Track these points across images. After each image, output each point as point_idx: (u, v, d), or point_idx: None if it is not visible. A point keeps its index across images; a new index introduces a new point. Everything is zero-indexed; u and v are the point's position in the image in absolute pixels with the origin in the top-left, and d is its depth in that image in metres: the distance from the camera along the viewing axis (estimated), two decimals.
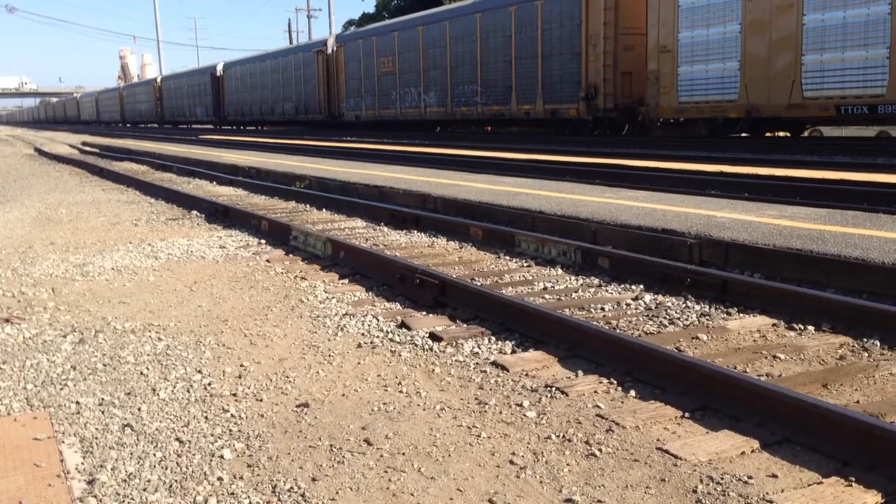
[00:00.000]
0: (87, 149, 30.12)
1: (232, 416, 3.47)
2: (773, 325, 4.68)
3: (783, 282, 5.32)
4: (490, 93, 23.90)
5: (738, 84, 16.14)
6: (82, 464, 2.99)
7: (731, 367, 3.81)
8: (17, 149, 34.90)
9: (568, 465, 2.94)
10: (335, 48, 33.56)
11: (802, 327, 4.58)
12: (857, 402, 3.49)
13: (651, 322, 4.81)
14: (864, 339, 4.30)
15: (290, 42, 62.70)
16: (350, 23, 58.48)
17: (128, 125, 67.14)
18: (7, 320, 5.11)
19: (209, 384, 3.88)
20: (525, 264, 6.64)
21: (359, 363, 4.19)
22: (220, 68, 47.32)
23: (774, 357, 4.11)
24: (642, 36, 18.60)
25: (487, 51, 23.75)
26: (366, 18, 54.70)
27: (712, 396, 3.40)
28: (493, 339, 4.51)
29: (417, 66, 27.37)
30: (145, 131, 53.07)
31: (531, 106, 22.24)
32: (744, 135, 20.63)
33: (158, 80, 59.18)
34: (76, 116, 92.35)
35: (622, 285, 5.73)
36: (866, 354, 4.13)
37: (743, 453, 2.98)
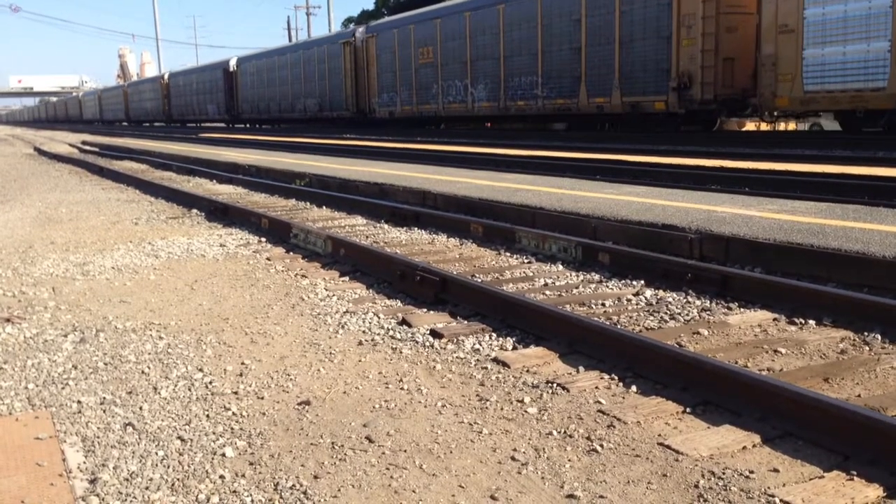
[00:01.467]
0: (87, 148, 30.12)
1: (233, 414, 3.48)
2: (774, 319, 4.68)
3: (784, 276, 5.32)
4: (553, 84, 21.31)
5: (888, 69, 13.54)
6: (84, 463, 2.99)
7: (732, 362, 3.81)
8: (17, 148, 34.90)
9: (569, 460, 2.94)
10: (365, 39, 30.92)
11: (803, 322, 4.58)
12: (859, 396, 3.49)
13: (652, 317, 4.81)
14: (865, 333, 4.30)
15: (290, 40, 62.48)
16: (350, 20, 58.47)
17: (132, 124, 65.54)
18: (8, 320, 5.11)
19: (210, 382, 3.89)
20: (525, 261, 6.64)
21: (360, 360, 4.19)
22: (233, 63, 45.06)
23: (775, 351, 4.11)
24: (747, 15, 16.28)
25: (550, 37, 21.15)
26: (365, 16, 54.69)
27: (713, 391, 3.40)
28: (494, 335, 4.51)
29: (463, 55, 24.82)
30: (145, 130, 53.05)
31: (605, 99, 19.71)
32: (744, 129, 20.64)
33: (166, 76, 57.02)
34: (78, 115, 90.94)
35: (623, 281, 5.73)
36: (867, 348, 4.13)
37: (744, 448, 2.98)
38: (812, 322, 4.56)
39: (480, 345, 4.36)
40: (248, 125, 45.96)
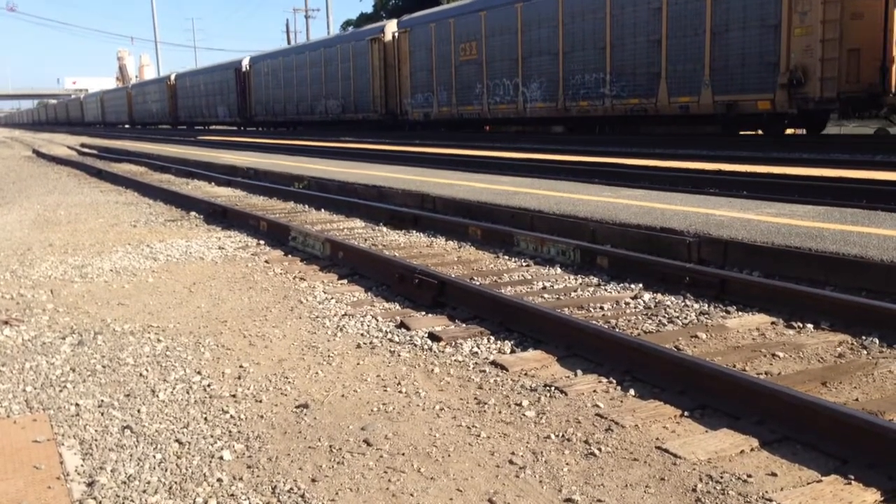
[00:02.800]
0: (86, 150, 30.10)
1: (231, 417, 3.47)
2: (772, 323, 4.68)
3: (782, 280, 5.32)
4: (624, 82, 18.84)
5: None
6: (82, 466, 2.99)
7: (730, 366, 3.81)
8: (16, 150, 34.88)
9: (567, 464, 2.94)
10: (396, 34, 28.33)
11: (801, 325, 4.58)
12: (857, 399, 3.50)
13: (650, 321, 4.82)
14: (863, 337, 4.31)
15: (289, 42, 62.42)
16: (348, 23, 58.52)
17: (136, 126, 63.68)
18: (6, 322, 5.10)
19: (208, 385, 3.88)
20: (524, 264, 6.64)
21: (358, 363, 4.19)
22: (245, 63, 42.82)
23: (773, 355, 4.11)
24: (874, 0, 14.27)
25: (621, 28, 18.67)
26: (364, 18, 54.72)
27: (711, 395, 3.40)
28: (493, 338, 4.51)
29: (514, 51, 22.34)
30: (143, 132, 52.77)
31: (691, 97, 17.15)
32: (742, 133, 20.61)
33: (172, 77, 54.79)
34: (79, 118, 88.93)
35: (621, 284, 5.73)
36: (865, 352, 4.14)
37: (742, 452, 2.98)
38: (810, 326, 4.56)
39: (479, 348, 4.36)
40: (261, 129, 43.85)
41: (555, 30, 20.82)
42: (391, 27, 29.24)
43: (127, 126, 66.40)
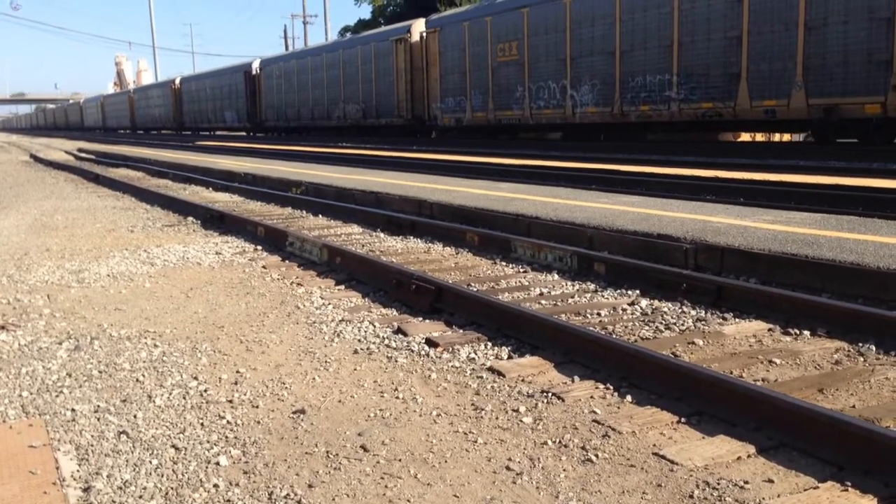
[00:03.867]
0: (83, 155, 30.10)
1: (228, 422, 3.47)
2: (769, 329, 4.68)
3: (779, 286, 5.33)
4: (695, 84, 16.87)
5: None
6: (78, 471, 2.98)
7: (727, 373, 3.82)
8: (13, 155, 34.86)
9: (564, 470, 2.94)
10: (424, 34, 26.40)
11: (798, 332, 4.59)
12: (853, 406, 3.50)
13: (647, 327, 4.82)
14: (860, 344, 4.31)
15: (286, 48, 62.36)
16: (346, 29, 58.58)
17: (138, 132, 61.96)
18: (2, 327, 5.10)
19: (205, 391, 3.88)
20: (521, 270, 6.65)
21: (355, 369, 4.18)
22: (256, 66, 40.99)
23: (770, 362, 4.11)
24: None
25: (692, 24, 16.76)
26: (361, 25, 54.81)
27: (708, 402, 3.40)
28: (490, 344, 4.51)
29: (562, 51, 20.36)
30: (141, 138, 52.72)
31: (779, 101, 15.22)
32: (740, 140, 20.60)
33: (177, 81, 53.08)
34: (79, 123, 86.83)
35: (618, 290, 5.73)
36: (862, 359, 4.14)
37: (739, 458, 2.99)
38: (807, 332, 4.57)
39: (476, 354, 4.36)
40: (269, 134, 41.56)
41: (611, 27, 18.79)
42: (418, 27, 27.25)
43: (129, 131, 65.04)
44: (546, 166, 14.80)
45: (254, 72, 40.91)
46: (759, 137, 21.51)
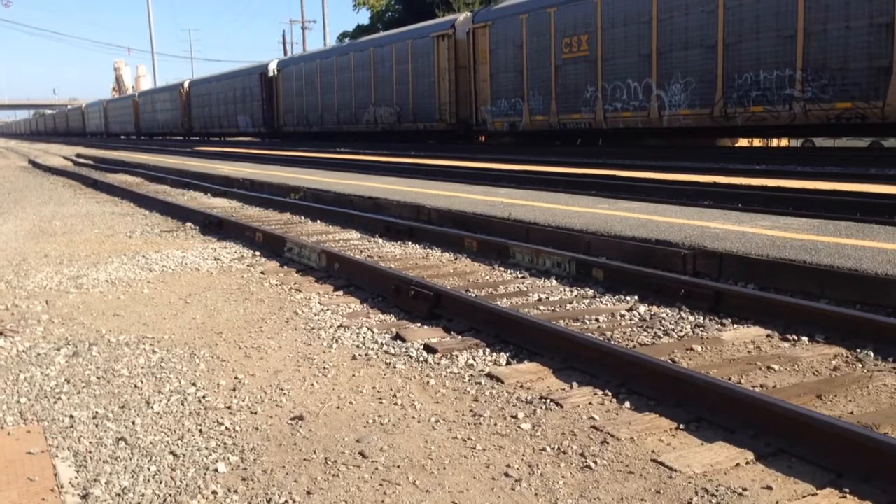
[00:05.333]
0: (82, 161, 30.09)
1: (226, 429, 3.47)
2: (768, 335, 4.69)
3: (777, 292, 5.34)
4: (827, 81, 14.47)
5: None
6: (76, 478, 2.98)
7: (726, 379, 3.81)
8: (11, 161, 34.86)
9: (563, 477, 2.94)
10: (472, 30, 23.67)
11: (796, 338, 4.59)
12: (852, 413, 3.50)
13: (645, 333, 4.82)
14: (858, 350, 4.31)
15: (285, 53, 62.34)
16: (344, 35, 58.69)
17: (142, 137, 59.99)
18: (1, 333, 5.09)
19: (203, 397, 3.88)
20: (519, 276, 6.65)
21: (353, 375, 4.18)
22: (273, 67, 38.56)
23: (769, 368, 4.11)
24: None
25: (824, 9, 14.36)
26: (360, 30, 54.92)
27: (707, 408, 3.40)
28: (488, 350, 4.51)
29: (646, 44, 17.84)
30: (139, 143, 52.57)
31: None
32: (737, 145, 20.60)
33: (186, 84, 51.06)
34: (80, 128, 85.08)
35: (616, 296, 5.74)
36: (860, 365, 4.14)
37: (738, 465, 2.98)
38: (805, 338, 4.57)
39: (474, 360, 4.36)
40: (284, 140, 38.84)
41: (711, 15, 16.29)
42: (464, 22, 24.74)
43: (133, 137, 63.39)
44: (546, 171, 14.81)
45: (270, 73, 38.44)
46: (757, 143, 21.56)
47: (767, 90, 15.51)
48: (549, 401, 3.68)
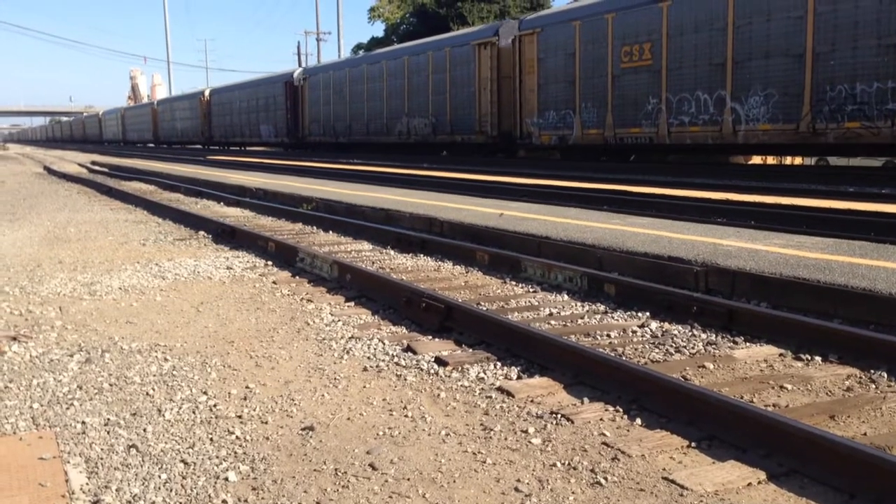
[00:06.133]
0: (96, 168, 30.31)
1: (237, 438, 3.47)
2: (780, 354, 4.67)
3: (790, 311, 5.31)
4: None
5: None
6: (87, 484, 2.99)
7: (738, 397, 3.80)
8: (27, 167, 35.13)
9: (573, 493, 2.93)
10: (517, 37, 22.24)
11: (809, 357, 4.57)
12: (865, 434, 3.48)
13: (657, 350, 4.81)
14: (872, 371, 4.29)
15: (299, 64, 62.58)
16: (359, 46, 58.98)
17: (161, 146, 59.26)
18: (14, 338, 5.12)
19: (215, 406, 3.89)
20: (531, 290, 6.64)
21: (364, 387, 4.19)
22: (298, 75, 37.68)
23: (781, 387, 4.09)
24: None
25: None
26: (374, 42, 55.19)
27: (719, 426, 3.38)
28: (499, 364, 4.50)
29: (719, 52, 16.32)
30: (153, 151, 52.75)
31: None
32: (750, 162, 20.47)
33: (207, 92, 50.20)
34: (97, 135, 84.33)
35: (628, 312, 5.72)
36: (874, 386, 4.12)
37: (749, 484, 2.97)
38: (818, 358, 4.54)
39: (485, 373, 4.35)
40: (309, 150, 36.76)
41: (799, 21, 14.78)
42: (509, 29, 23.31)
43: (151, 145, 62.59)
44: (557, 186, 14.81)
45: (296, 82, 37.30)
46: (771, 160, 21.51)
47: (865, 104, 13.96)
48: (559, 416, 3.68)
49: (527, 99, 21.96)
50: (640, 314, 5.64)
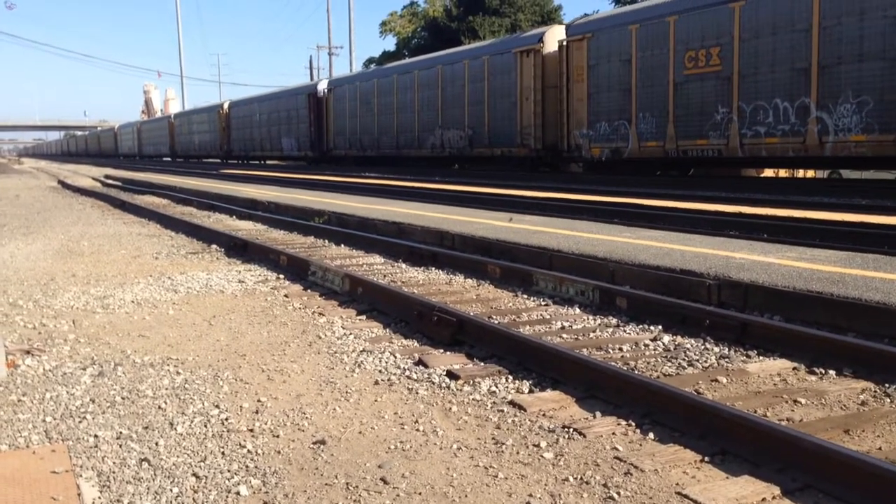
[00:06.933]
0: (110, 182, 30.50)
1: (248, 451, 3.47)
2: (794, 368, 4.63)
3: (803, 325, 5.28)
4: None
5: None
6: (99, 498, 3.00)
7: (751, 411, 3.77)
8: (41, 181, 35.40)
9: None
10: (564, 43, 20.90)
11: (823, 371, 4.53)
12: (880, 448, 3.44)
13: (670, 363, 4.78)
14: (886, 385, 4.25)
15: (311, 78, 62.76)
16: (371, 60, 59.28)
17: (178, 160, 58.56)
18: (28, 352, 5.15)
19: (226, 419, 3.89)
20: (543, 303, 6.63)
21: (376, 400, 4.18)
22: (322, 87, 36.73)
23: (795, 401, 4.06)
24: None
25: None
26: (386, 56, 55.45)
27: (732, 440, 3.36)
28: (511, 378, 4.49)
29: (802, 56, 14.90)
30: (167, 165, 52.93)
31: None
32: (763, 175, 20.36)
33: (226, 105, 49.54)
34: (112, 149, 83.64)
35: (640, 326, 5.70)
36: (888, 400, 4.08)
37: (764, 500, 2.94)
38: (832, 372, 4.51)
39: (497, 387, 4.34)
40: (334, 164, 35.67)
41: None
42: (555, 34, 22.02)
43: (168, 159, 61.56)
44: (567, 199, 14.80)
45: (320, 93, 36.40)
46: (783, 173, 21.44)
47: None
48: (571, 430, 3.66)
49: (575, 109, 20.58)
50: (652, 328, 5.62)
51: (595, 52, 19.82)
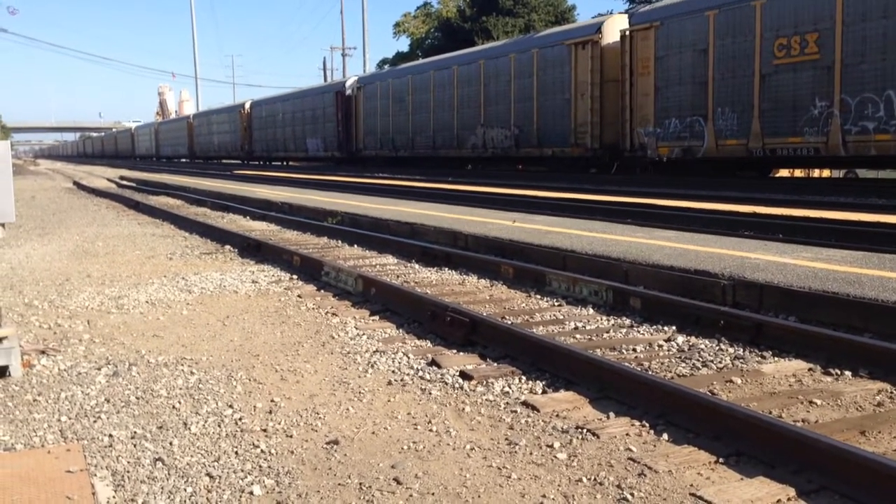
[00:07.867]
0: (125, 183, 30.68)
1: (262, 451, 3.48)
2: (809, 369, 4.60)
3: (819, 325, 5.24)
4: None
5: None
6: (114, 497, 3.01)
7: (766, 412, 3.75)
8: (57, 182, 35.65)
9: None
10: (627, 33, 19.11)
11: (839, 372, 4.50)
12: None
13: (684, 364, 4.76)
14: None
15: (325, 80, 62.77)
16: (384, 62, 59.37)
17: (198, 161, 57.49)
18: (43, 352, 5.18)
19: (240, 419, 3.90)
20: (556, 303, 6.61)
21: (389, 400, 4.18)
22: (351, 84, 34.81)
23: (810, 402, 4.03)
24: None
25: None
26: (399, 57, 55.51)
27: (747, 442, 3.34)
28: (524, 378, 4.48)
29: None
30: (182, 166, 53.08)
31: None
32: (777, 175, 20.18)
33: (247, 105, 47.95)
34: (129, 151, 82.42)
35: (654, 326, 5.68)
36: None
37: (779, 501, 2.92)
38: (848, 373, 4.48)
39: (510, 388, 4.33)
40: (363, 165, 34.14)
41: None
42: (615, 24, 20.18)
43: (186, 160, 61.07)
44: (580, 199, 14.76)
45: (348, 92, 34.58)
46: (798, 173, 21.31)
47: None
48: (585, 430, 3.65)
49: (640, 105, 18.73)
50: (666, 328, 5.59)
51: (664, 41, 18.01)
